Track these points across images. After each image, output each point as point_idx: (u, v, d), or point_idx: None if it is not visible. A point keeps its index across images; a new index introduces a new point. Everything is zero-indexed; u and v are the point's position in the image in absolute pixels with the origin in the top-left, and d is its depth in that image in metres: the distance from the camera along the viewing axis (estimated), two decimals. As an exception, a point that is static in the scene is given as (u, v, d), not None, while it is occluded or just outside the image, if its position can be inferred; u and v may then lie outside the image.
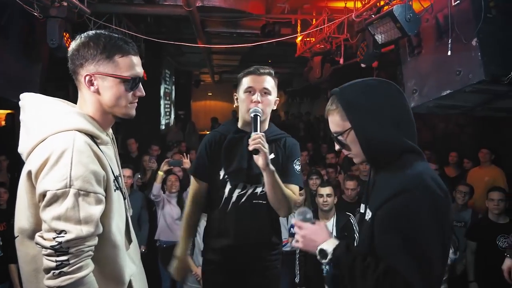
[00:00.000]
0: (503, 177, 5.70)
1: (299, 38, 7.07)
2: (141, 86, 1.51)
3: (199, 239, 4.19)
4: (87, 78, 1.42)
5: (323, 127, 13.67)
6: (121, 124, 9.61)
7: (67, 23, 3.74)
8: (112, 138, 1.63)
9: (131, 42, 1.48)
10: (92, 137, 1.43)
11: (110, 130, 1.61)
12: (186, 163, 4.87)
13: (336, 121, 1.45)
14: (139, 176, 6.04)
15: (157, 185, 4.65)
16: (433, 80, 3.60)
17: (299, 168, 2.25)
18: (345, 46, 5.84)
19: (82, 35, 1.46)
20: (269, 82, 2.20)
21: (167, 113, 13.66)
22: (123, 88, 1.46)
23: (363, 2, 3.87)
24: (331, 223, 4.04)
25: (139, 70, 1.49)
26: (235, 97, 2.31)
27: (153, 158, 5.91)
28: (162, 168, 4.71)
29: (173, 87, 15.02)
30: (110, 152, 1.53)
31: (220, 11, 6.11)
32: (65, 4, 3.69)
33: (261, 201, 2.23)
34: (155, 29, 7.64)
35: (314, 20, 6.73)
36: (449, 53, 2.94)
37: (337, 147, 1.51)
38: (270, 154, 2.17)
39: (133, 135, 8.96)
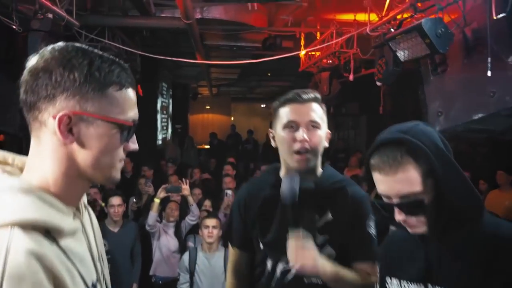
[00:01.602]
0: None
1: (303, 52, 6.72)
2: (135, 136, 1.01)
3: None
4: (64, 120, 0.88)
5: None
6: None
7: (52, 37, 3.33)
8: (87, 212, 1.08)
9: (128, 68, 0.98)
10: (48, 231, 0.87)
11: (84, 198, 1.07)
12: (186, 189, 4.47)
13: (413, 178, 1.07)
14: (134, 200, 5.62)
15: (153, 214, 4.23)
16: (462, 101, 3.23)
17: (374, 231, 1.60)
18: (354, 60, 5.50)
19: (54, 48, 0.93)
20: (317, 111, 1.62)
21: (164, 127, 13.28)
22: (118, 139, 0.95)
23: (380, 15, 3.51)
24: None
25: (137, 111, 1.00)
26: (271, 134, 1.70)
27: (149, 181, 5.50)
28: (158, 195, 4.30)
29: (170, 100, 14.66)
30: (79, 247, 0.96)
31: (221, 24, 5.76)
32: (50, 16, 3.29)
33: (315, 282, 1.57)
34: (151, 42, 7.29)
35: (318, 33, 6.40)
36: (489, 73, 2.56)
37: (400, 216, 1.10)
38: (325, 213, 1.59)
39: (128, 154, 8.52)
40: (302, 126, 1.57)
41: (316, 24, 6.41)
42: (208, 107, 18.97)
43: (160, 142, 12.09)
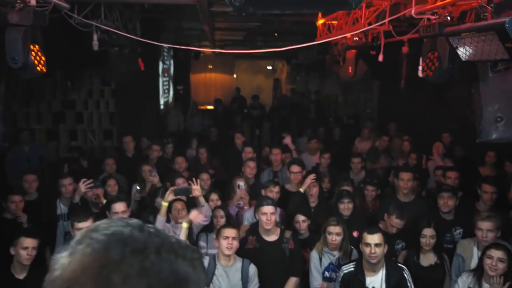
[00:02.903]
0: None
1: (320, 21, 6.06)
2: None
3: None
4: None
5: (335, 108, 12.75)
6: (116, 113, 8.72)
7: (36, 30, 2.73)
8: None
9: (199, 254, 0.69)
10: None
11: None
12: (196, 190, 4.02)
13: None
14: (138, 188, 5.22)
15: (161, 219, 3.83)
16: (529, 108, 2.71)
17: None
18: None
19: (84, 250, 0.62)
20: None
21: (166, 91, 12.66)
22: None
23: (432, -3, 2.89)
24: (379, 277, 3.26)
25: None
26: None
27: (154, 170, 5.05)
28: (166, 198, 3.87)
29: (172, 61, 13.95)
30: None
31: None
32: (32, 2, 2.65)
33: None
34: (152, 8, 6.57)
35: None
36: None
37: None
38: None
39: (130, 122, 8.10)
40: None
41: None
42: (211, 66, 18.23)
43: (162, 107, 11.52)
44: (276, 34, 12.26)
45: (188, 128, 11.31)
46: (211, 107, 14.34)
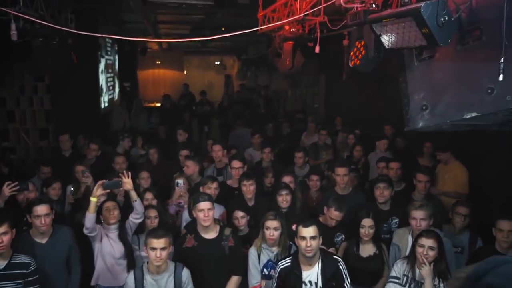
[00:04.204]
0: (464, 175, 5.21)
1: (261, 13, 5.98)
2: None
3: None
4: None
5: (283, 103, 12.77)
6: (52, 111, 8.19)
7: None
8: None
9: None
10: None
11: None
12: (127, 183, 3.77)
13: None
14: (72, 189, 4.92)
15: (90, 216, 3.56)
16: (452, 96, 2.75)
17: None
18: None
19: None
20: None
21: (111, 88, 12.13)
22: None
23: (359, -14, 2.87)
24: (315, 271, 3.22)
25: None
26: None
27: (86, 171, 4.76)
28: (95, 192, 3.59)
29: (116, 57, 13.39)
30: None
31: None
32: None
33: None
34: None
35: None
36: (500, 77, 2.07)
37: None
38: None
39: (67, 121, 7.66)
40: None
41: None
42: (159, 62, 17.74)
43: (106, 104, 11.02)
44: (223, 28, 12.13)
45: (133, 127, 10.92)
46: (159, 104, 13.98)
